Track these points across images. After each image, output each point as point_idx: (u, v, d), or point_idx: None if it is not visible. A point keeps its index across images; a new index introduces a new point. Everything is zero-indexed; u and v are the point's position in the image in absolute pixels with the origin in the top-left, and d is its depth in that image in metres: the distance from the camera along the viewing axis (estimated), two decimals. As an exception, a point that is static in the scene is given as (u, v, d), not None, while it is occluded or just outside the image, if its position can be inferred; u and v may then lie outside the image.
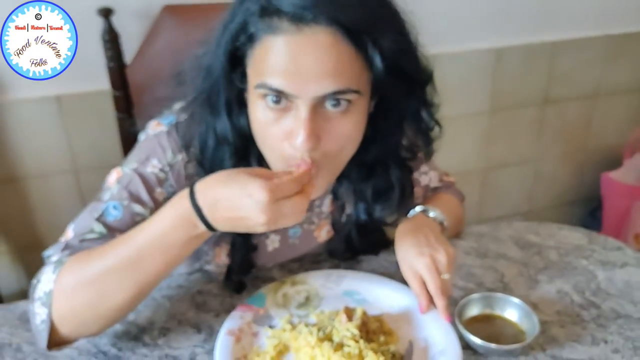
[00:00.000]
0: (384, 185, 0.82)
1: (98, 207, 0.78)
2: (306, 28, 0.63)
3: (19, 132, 1.41)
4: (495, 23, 1.74)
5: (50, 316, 0.70)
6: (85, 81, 1.41)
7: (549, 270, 0.91)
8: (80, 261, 0.71)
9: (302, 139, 0.66)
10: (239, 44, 0.68)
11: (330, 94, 0.65)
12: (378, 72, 0.67)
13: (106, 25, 1.29)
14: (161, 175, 0.79)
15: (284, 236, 0.90)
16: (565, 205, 2.16)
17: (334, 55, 0.63)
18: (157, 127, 0.81)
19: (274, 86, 0.65)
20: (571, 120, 1.99)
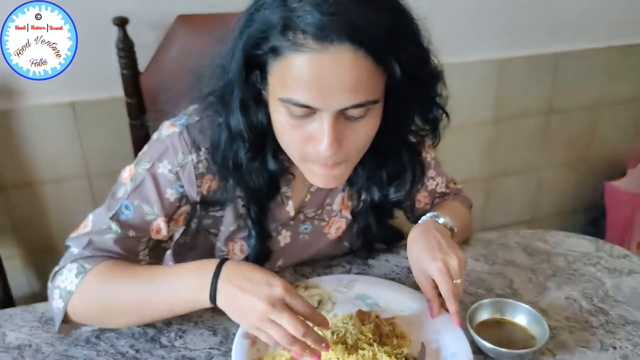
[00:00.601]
0: (397, 169, 0.86)
1: (113, 205, 0.82)
2: (330, 47, 0.66)
3: (34, 137, 1.44)
4: (499, 35, 1.77)
5: (65, 308, 0.79)
6: (99, 88, 1.44)
7: (557, 277, 0.93)
8: (100, 281, 0.79)
9: (326, 145, 0.70)
10: (261, 52, 0.71)
11: (351, 107, 0.69)
12: (396, 80, 0.70)
13: (121, 34, 1.32)
14: (171, 177, 0.82)
15: (295, 232, 0.93)
16: (568, 214, 2.18)
17: (355, 71, 0.67)
18: (170, 128, 0.83)
19: (300, 101, 0.69)
20: (574, 129, 2.02)
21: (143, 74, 1.35)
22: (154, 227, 0.83)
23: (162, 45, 1.33)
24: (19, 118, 1.41)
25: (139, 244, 0.83)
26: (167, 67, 1.30)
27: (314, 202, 0.92)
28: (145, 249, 0.85)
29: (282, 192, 0.88)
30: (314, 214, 0.93)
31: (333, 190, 0.93)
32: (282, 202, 0.89)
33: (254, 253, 0.88)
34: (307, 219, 0.93)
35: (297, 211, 0.92)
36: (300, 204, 0.91)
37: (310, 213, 0.93)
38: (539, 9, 1.77)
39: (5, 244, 1.50)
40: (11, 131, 1.42)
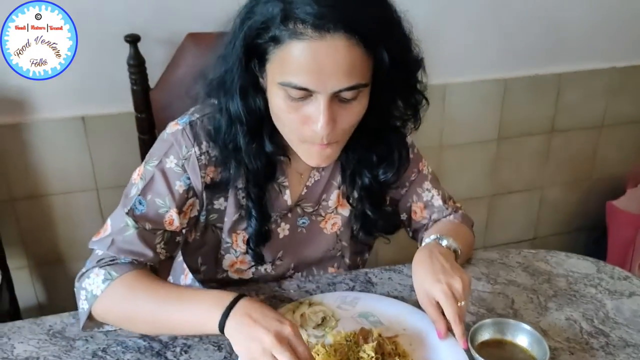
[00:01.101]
0: (385, 150, 0.93)
1: (127, 202, 0.88)
2: (327, 35, 0.73)
3: (45, 150, 1.47)
4: (503, 55, 1.80)
5: (90, 310, 0.84)
6: (109, 103, 1.47)
7: (558, 298, 0.94)
8: (124, 291, 0.83)
9: (322, 124, 0.77)
10: (261, 42, 0.77)
11: (345, 89, 0.76)
12: (384, 66, 0.78)
13: (132, 51, 1.35)
14: (178, 170, 0.88)
15: (294, 225, 0.99)
16: (570, 233, 2.19)
17: (349, 57, 0.74)
18: (174, 127, 0.90)
19: (299, 84, 0.75)
20: (577, 149, 2.03)
21: (153, 90, 1.38)
22: (167, 219, 0.88)
23: (172, 63, 1.35)
24: (30, 131, 1.44)
25: (155, 236, 0.88)
26: (176, 83, 1.33)
27: (311, 197, 0.98)
28: (161, 241, 0.89)
29: (280, 182, 0.94)
30: (312, 209, 0.99)
31: (329, 187, 0.98)
32: (280, 191, 0.95)
33: (254, 233, 0.93)
34: (305, 213, 0.99)
35: (295, 204, 0.97)
36: (297, 197, 0.97)
37: (307, 208, 0.98)
38: (542, 30, 1.79)
39: (13, 255, 1.52)
40: (23, 144, 1.45)
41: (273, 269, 1.00)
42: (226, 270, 0.99)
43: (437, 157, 1.86)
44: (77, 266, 1.59)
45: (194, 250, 0.99)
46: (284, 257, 0.99)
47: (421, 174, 1.05)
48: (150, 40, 1.41)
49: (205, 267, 1.01)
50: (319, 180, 0.98)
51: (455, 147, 1.87)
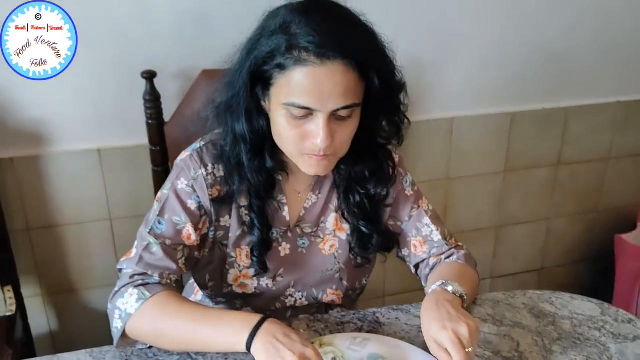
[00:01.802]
0: (374, 165, 1.02)
1: (148, 224, 0.97)
2: (328, 61, 0.83)
3: (61, 181, 1.50)
4: (510, 89, 1.83)
5: (124, 328, 0.90)
6: (125, 136, 1.51)
7: (563, 341, 0.96)
8: (156, 311, 0.89)
9: (322, 138, 0.87)
10: (267, 68, 0.87)
11: (341, 108, 0.87)
12: (375, 88, 0.89)
13: (149, 87, 1.39)
14: (188, 190, 0.97)
15: (294, 245, 1.06)
16: (577, 263, 2.19)
17: (345, 80, 0.85)
18: (184, 154, 1.01)
19: (302, 104, 0.86)
20: (583, 181, 2.05)
21: (168, 124, 1.42)
22: (184, 234, 0.96)
23: (186, 98, 1.40)
24: (48, 163, 1.48)
25: (176, 252, 0.96)
26: (190, 118, 1.37)
27: (310, 218, 1.05)
28: (182, 257, 0.97)
29: (279, 200, 1.03)
30: (311, 230, 1.06)
31: (326, 209, 1.06)
32: (279, 208, 1.03)
33: (257, 242, 1.00)
34: (305, 234, 1.06)
35: (295, 225, 1.05)
36: (297, 218, 1.05)
37: (307, 229, 1.06)
38: (548, 64, 1.83)
39: (28, 283, 1.55)
40: (40, 175, 1.48)
41: (274, 285, 1.05)
42: (231, 285, 1.05)
43: (444, 188, 1.89)
44: (90, 295, 1.64)
45: (203, 266, 1.05)
46: (284, 274, 1.06)
47: (420, 210, 1.10)
48: (165, 76, 1.45)
49: (213, 282, 1.06)
50: (316, 203, 1.05)
51: (463, 179, 1.89)
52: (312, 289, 1.09)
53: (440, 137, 1.81)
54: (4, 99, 1.40)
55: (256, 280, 1.05)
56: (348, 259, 1.08)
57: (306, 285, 1.08)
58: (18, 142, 1.45)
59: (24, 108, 1.42)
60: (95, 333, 1.46)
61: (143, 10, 1.41)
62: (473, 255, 1.11)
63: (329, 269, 1.08)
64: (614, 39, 1.85)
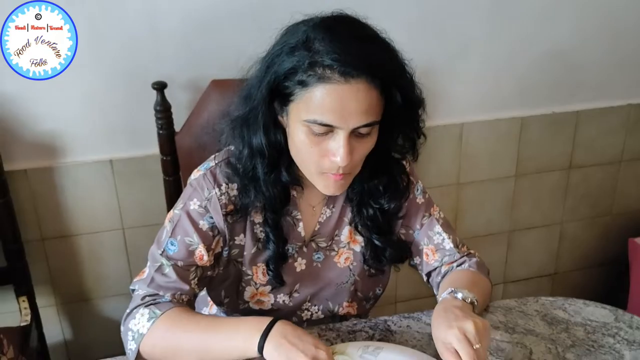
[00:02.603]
0: (388, 180, 1.01)
1: (160, 245, 0.97)
2: (352, 80, 0.82)
3: (74, 192, 1.52)
4: (520, 94, 1.82)
5: (138, 349, 0.91)
6: (136, 146, 1.53)
7: (577, 348, 0.95)
8: (168, 327, 0.90)
9: (342, 157, 0.86)
10: (288, 84, 0.86)
11: (362, 126, 0.86)
12: (396, 105, 0.88)
13: (159, 98, 1.40)
14: (201, 211, 0.96)
15: (309, 260, 1.06)
16: (591, 268, 2.17)
17: (368, 98, 0.84)
18: (196, 173, 1.00)
19: (324, 122, 0.85)
20: (596, 185, 2.03)
21: (178, 133, 1.43)
22: (197, 254, 0.96)
23: (196, 108, 1.41)
24: (61, 174, 1.50)
25: (189, 272, 0.96)
26: (201, 127, 1.38)
27: (324, 232, 1.05)
28: (195, 277, 0.97)
29: (293, 215, 1.02)
30: (326, 244, 1.06)
31: (340, 223, 1.05)
32: (294, 224, 1.02)
33: (273, 256, 0.99)
34: (320, 248, 1.06)
35: (310, 239, 1.04)
36: (312, 233, 1.04)
37: (322, 243, 1.05)
38: (560, 68, 1.82)
39: (42, 293, 1.57)
40: (54, 186, 1.50)
41: (291, 300, 1.05)
42: (247, 302, 1.05)
43: (455, 194, 1.88)
44: (103, 304, 1.66)
45: (218, 284, 1.05)
46: (300, 289, 1.06)
47: (432, 218, 1.10)
48: (176, 87, 1.47)
49: (228, 299, 1.06)
50: (331, 217, 1.05)
51: (473, 184, 1.89)
52: (328, 302, 1.08)
53: (451, 142, 1.81)
54: (18, 113, 1.42)
55: (273, 297, 1.04)
56: (362, 270, 1.08)
57: (322, 299, 1.08)
58: (31, 154, 1.47)
59: (37, 121, 1.44)
60: (110, 342, 1.46)
61: (152, 21, 1.43)
62: (485, 260, 1.11)
63: (344, 282, 1.07)
64: (624, 41, 1.84)
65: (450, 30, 1.67)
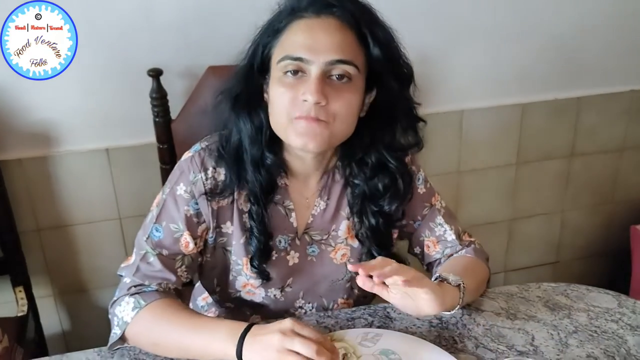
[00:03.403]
0: (389, 179, 0.97)
1: (145, 230, 0.95)
2: (323, 15, 0.85)
3: (70, 181, 1.51)
4: (521, 80, 1.80)
5: (122, 334, 0.91)
6: (132, 135, 1.51)
7: (579, 334, 0.94)
8: (151, 320, 0.89)
9: (312, 92, 0.83)
10: (267, 42, 0.87)
11: (336, 61, 0.84)
12: (373, 56, 0.87)
13: (155, 85, 1.38)
14: (186, 196, 0.94)
15: (303, 253, 1.02)
16: (593, 256, 2.16)
17: (340, 35, 0.85)
18: (186, 155, 0.97)
19: (295, 54, 0.84)
20: (598, 173, 2.01)
21: (174, 121, 1.41)
22: (182, 242, 0.94)
23: (193, 95, 1.39)
24: (56, 163, 1.48)
25: (175, 261, 0.94)
26: (197, 115, 1.36)
27: (318, 225, 1.01)
28: (182, 265, 0.95)
29: (285, 205, 0.98)
30: (320, 237, 1.02)
31: (337, 217, 1.01)
32: (286, 214, 0.99)
33: (256, 251, 0.96)
34: (314, 241, 1.02)
35: (304, 232, 1.01)
36: (305, 225, 1.01)
37: (316, 236, 1.02)
38: (560, 54, 1.79)
39: (39, 284, 1.56)
40: (49, 175, 1.49)
41: (282, 295, 1.03)
42: (239, 291, 1.03)
43: (455, 182, 1.86)
44: (101, 294, 1.64)
45: (209, 271, 1.03)
46: (293, 284, 1.03)
47: (434, 208, 1.07)
48: (171, 74, 1.45)
49: (220, 288, 1.05)
50: (326, 209, 1.01)
51: (474, 172, 1.87)
52: (322, 298, 1.06)
53: (451, 129, 1.79)
54: (11, 101, 1.40)
55: (264, 291, 1.02)
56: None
57: (316, 296, 1.05)
58: (26, 143, 1.45)
59: (31, 109, 1.43)
60: (108, 332, 1.45)
61: (147, 8, 1.40)
62: (486, 249, 1.09)
63: (340, 278, 1.04)
64: (627, 27, 1.82)
65: (450, 15, 1.64)
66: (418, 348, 0.89)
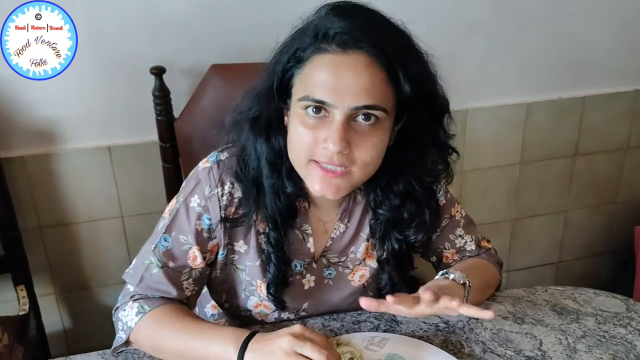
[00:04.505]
0: (415, 208, 0.92)
1: (154, 238, 0.92)
2: (350, 51, 0.75)
3: (72, 179, 1.49)
4: (525, 79, 1.79)
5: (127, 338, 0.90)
6: (134, 133, 1.49)
7: (587, 339, 0.93)
8: (154, 325, 0.88)
9: (335, 140, 0.76)
10: (288, 67, 0.80)
11: (362, 107, 0.76)
12: (405, 95, 0.78)
13: (158, 83, 1.37)
14: (199, 210, 0.90)
15: (319, 276, 0.98)
16: (596, 257, 2.15)
17: (368, 75, 0.75)
18: (204, 164, 0.92)
19: (318, 97, 0.76)
20: (601, 172, 2.00)
21: (177, 120, 1.40)
22: (190, 255, 0.91)
23: (196, 93, 1.37)
24: (59, 161, 1.47)
25: (180, 275, 0.91)
26: (200, 113, 1.35)
27: (336, 248, 0.97)
28: (188, 278, 0.92)
29: (303, 230, 0.94)
30: (337, 259, 0.98)
31: (356, 239, 0.97)
32: (304, 239, 0.95)
33: (273, 279, 0.92)
34: (331, 264, 0.98)
35: (321, 255, 0.97)
36: (322, 249, 0.97)
37: (333, 258, 0.98)
38: (564, 53, 1.78)
39: (40, 282, 1.55)
40: (51, 173, 1.48)
41: (296, 317, 0.99)
42: (250, 310, 0.99)
43: (458, 181, 1.85)
44: (103, 292, 1.63)
45: (218, 285, 1.00)
46: (308, 309, 0.99)
47: (453, 220, 1.03)
48: (174, 72, 1.43)
49: (229, 304, 1.02)
50: (345, 232, 0.97)
51: (477, 172, 1.86)
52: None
53: (454, 128, 1.77)
54: (14, 98, 1.39)
55: (277, 313, 0.98)
56: (377, 288, 1.01)
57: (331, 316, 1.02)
58: (28, 140, 1.44)
59: (34, 106, 1.41)
60: (109, 331, 1.44)
61: (150, 6, 1.39)
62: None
63: (357, 300, 1.00)
64: (632, 26, 1.80)
65: (454, 14, 1.63)
66: (425, 353, 0.88)
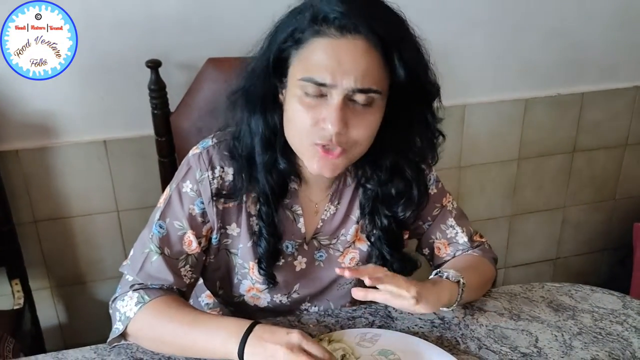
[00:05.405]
0: (403, 185, 0.94)
1: (151, 226, 0.93)
2: (348, 35, 0.78)
3: (67, 173, 1.49)
4: (524, 75, 1.78)
5: (124, 330, 0.89)
6: (130, 127, 1.49)
7: (584, 336, 0.92)
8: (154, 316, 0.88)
9: (333, 120, 0.79)
10: (285, 47, 0.81)
11: (359, 89, 0.79)
12: (399, 79, 0.81)
13: (154, 77, 1.36)
14: (192, 194, 0.91)
15: (310, 258, 0.99)
16: (594, 253, 2.15)
17: (366, 58, 0.78)
18: (194, 150, 0.94)
19: (317, 79, 0.79)
20: (600, 169, 2.00)
21: (173, 113, 1.39)
22: (185, 240, 0.92)
23: (192, 87, 1.36)
24: (54, 155, 1.46)
25: (178, 262, 0.92)
26: (196, 107, 1.34)
27: (327, 230, 0.98)
28: (185, 265, 0.93)
29: (294, 210, 0.96)
30: (328, 242, 0.99)
31: (346, 221, 0.99)
32: (294, 219, 0.96)
33: (264, 253, 0.93)
34: (322, 246, 0.99)
35: (312, 237, 0.98)
36: (314, 231, 0.98)
37: (324, 240, 0.99)
38: (563, 49, 1.77)
39: (36, 276, 1.54)
40: (46, 167, 1.47)
41: (288, 300, 1.00)
42: (243, 295, 1.00)
43: (456, 177, 1.85)
44: (98, 287, 1.63)
45: (212, 273, 1.01)
46: (300, 289, 1.00)
47: (445, 210, 1.04)
48: (170, 65, 1.42)
49: (222, 291, 1.02)
50: (335, 214, 0.98)
51: (475, 167, 1.85)
52: (329, 302, 1.03)
53: (452, 124, 1.76)
54: (9, 92, 1.38)
55: (269, 296, 0.99)
56: None
57: (322, 300, 1.03)
58: (23, 134, 1.43)
59: (28, 100, 1.40)
60: (105, 325, 1.43)
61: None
62: (486, 245, 1.08)
63: (348, 282, 1.02)
64: (631, 22, 1.79)
65: (453, 9, 1.62)
66: (418, 348, 0.88)
